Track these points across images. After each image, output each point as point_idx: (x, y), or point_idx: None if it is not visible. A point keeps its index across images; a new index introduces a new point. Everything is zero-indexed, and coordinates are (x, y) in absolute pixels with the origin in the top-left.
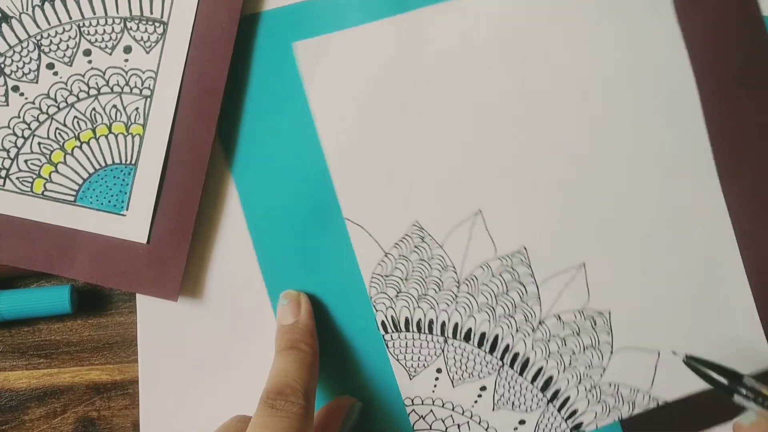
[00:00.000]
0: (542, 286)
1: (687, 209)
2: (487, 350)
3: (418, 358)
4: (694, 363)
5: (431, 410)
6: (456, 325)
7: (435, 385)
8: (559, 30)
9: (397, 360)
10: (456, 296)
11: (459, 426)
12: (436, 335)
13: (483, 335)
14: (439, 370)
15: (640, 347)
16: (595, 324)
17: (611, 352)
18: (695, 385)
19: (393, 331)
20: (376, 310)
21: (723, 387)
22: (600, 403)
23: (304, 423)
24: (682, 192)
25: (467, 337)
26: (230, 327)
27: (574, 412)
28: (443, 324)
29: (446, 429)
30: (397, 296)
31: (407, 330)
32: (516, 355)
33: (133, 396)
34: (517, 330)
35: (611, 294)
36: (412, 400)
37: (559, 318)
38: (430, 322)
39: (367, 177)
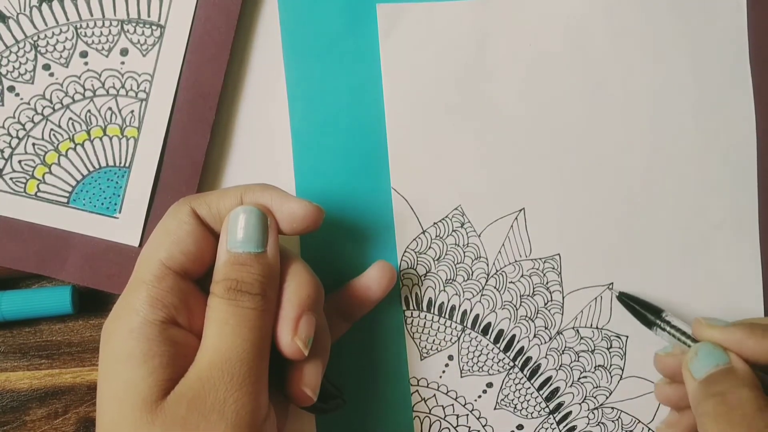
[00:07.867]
0: (568, 296)
1: (723, 259)
2: (501, 348)
3: (433, 340)
4: (624, 298)
5: (434, 395)
6: (477, 316)
7: (443, 371)
8: (630, 48)
9: (412, 337)
10: (482, 288)
11: (458, 417)
12: (455, 322)
13: (501, 332)
14: (450, 357)
15: (651, 379)
16: (611, 346)
17: (621, 377)
18: None
19: (414, 309)
20: (402, 284)
21: (645, 320)
22: (599, 425)
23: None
24: (722, 239)
25: (485, 331)
26: None
27: (572, 429)
28: (464, 313)
29: (445, 416)
30: (425, 275)
31: (428, 311)
32: (528, 359)
33: None
34: (534, 335)
35: (632, 320)
36: (418, 381)
37: (578, 332)
38: (452, 308)
39: (422, 153)
